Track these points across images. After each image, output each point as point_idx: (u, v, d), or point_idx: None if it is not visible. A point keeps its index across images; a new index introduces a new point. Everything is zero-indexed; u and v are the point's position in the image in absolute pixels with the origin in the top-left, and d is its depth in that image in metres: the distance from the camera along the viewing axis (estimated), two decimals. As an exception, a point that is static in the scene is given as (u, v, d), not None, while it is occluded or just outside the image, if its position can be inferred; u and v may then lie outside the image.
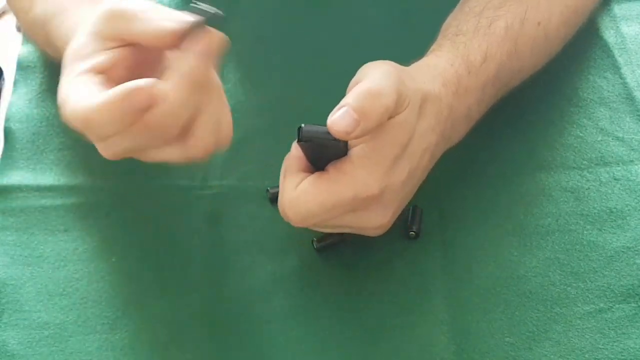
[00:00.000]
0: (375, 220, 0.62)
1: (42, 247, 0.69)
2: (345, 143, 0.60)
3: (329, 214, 0.60)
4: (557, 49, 0.76)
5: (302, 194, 0.60)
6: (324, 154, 0.60)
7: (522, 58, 0.71)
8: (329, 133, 0.58)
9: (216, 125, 0.58)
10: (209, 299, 0.66)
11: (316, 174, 0.60)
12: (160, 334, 0.63)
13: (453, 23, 0.71)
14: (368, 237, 0.67)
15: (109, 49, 0.58)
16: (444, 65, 0.66)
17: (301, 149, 0.62)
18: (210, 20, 0.56)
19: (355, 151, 0.60)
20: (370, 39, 0.83)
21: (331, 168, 0.60)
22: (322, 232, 0.67)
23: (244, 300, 0.66)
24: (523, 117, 0.76)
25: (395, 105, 0.59)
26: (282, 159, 0.74)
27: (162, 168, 0.68)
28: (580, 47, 0.81)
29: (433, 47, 0.69)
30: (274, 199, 0.68)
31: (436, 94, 0.63)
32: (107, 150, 0.57)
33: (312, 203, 0.59)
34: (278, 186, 0.65)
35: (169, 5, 0.86)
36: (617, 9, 0.84)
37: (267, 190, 0.69)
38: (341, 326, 0.64)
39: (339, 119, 0.57)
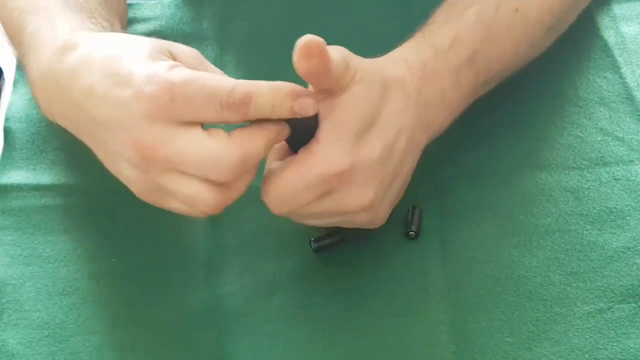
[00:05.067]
0: (355, 201, 0.61)
1: (42, 247, 0.69)
2: (315, 121, 0.60)
3: (302, 196, 0.60)
4: (541, 36, 0.75)
5: (273, 178, 0.60)
6: (299, 137, 0.60)
7: (500, 44, 0.70)
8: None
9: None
10: (209, 299, 0.66)
11: (287, 158, 0.61)
12: (160, 333, 0.63)
13: (431, 17, 0.71)
14: (367, 236, 0.67)
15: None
16: (407, 53, 0.67)
17: None
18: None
19: (320, 130, 0.60)
20: (371, 39, 0.82)
21: (300, 150, 0.60)
22: (320, 232, 0.67)
23: (244, 300, 0.66)
24: (523, 117, 0.76)
25: (343, 67, 0.60)
26: (282, 159, 0.74)
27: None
28: (580, 47, 0.81)
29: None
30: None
31: (399, 77, 0.64)
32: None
33: (283, 186, 0.60)
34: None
35: (169, 6, 0.86)
36: (617, 9, 0.84)
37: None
38: (341, 326, 0.64)
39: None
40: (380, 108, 0.61)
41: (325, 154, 0.59)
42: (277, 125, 0.59)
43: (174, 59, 0.59)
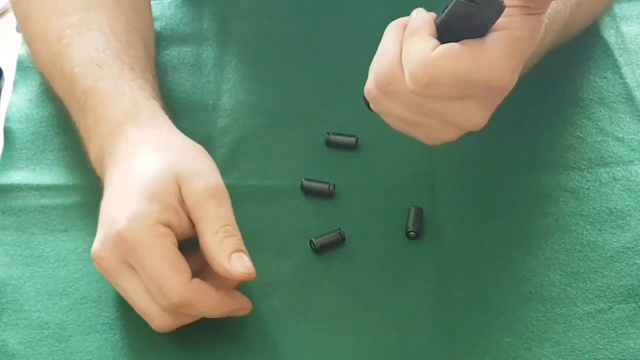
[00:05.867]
0: (476, 118, 0.60)
1: (42, 247, 0.69)
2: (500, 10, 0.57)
3: (455, 89, 0.58)
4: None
5: (441, 59, 0.57)
6: (463, 24, 0.57)
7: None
8: None
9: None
10: (209, 299, 0.66)
11: (459, 45, 0.58)
12: (160, 334, 0.63)
13: None
14: (367, 236, 0.67)
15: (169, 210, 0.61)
16: None
17: (448, 12, 0.58)
18: None
19: (499, 37, 0.58)
20: (371, 39, 0.82)
21: (473, 44, 0.58)
22: (319, 232, 0.67)
23: (244, 300, 0.66)
24: (523, 117, 0.76)
25: None
26: (282, 159, 0.74)
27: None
28: (580, 47, 0.81)
29: None
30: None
31: None
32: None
33: (448, 71, 0.57)
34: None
35: (169, 6, 0.86)
36: (617, 9, 0.84)
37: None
38: (341, 326, 0.64)
39: None
40: None
41: (500, 64, 0.58)
42: (243, 302, 0.62)
43: (182, 196, 0.61)
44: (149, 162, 0.63)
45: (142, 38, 0.74)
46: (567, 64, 0.80)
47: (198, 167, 0.63)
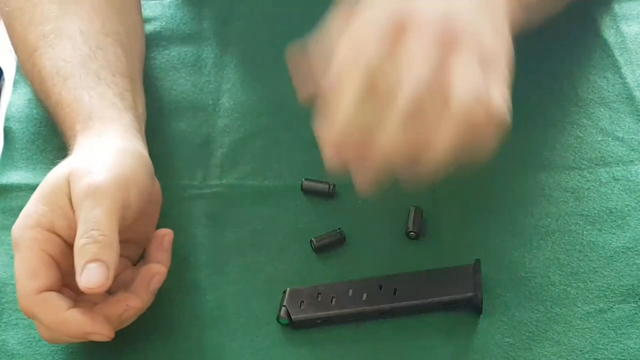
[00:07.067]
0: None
1: (42, 247, 0.68)
2: None
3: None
4: None
5: None
6: None
7: None
8: None
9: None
10: (209, 299, 0.66)
11: None
12: (160, 333, 0.63)
13: None
14: (367, 236, 0.67)
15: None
16: None
17: None
18: None
19: None
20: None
21: None
22: (319, 232, 0.67)
23: (244, 301, 0.66)
24: (523, 117, 0.76)
25: None
26: (282, 159, 0.74)
27: (162, 167, 0.68)
28: (580, 47, 0.81)
29: None
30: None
31: None
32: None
33: None
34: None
35: (169, 6, 0.86)
36: (618, 9, 0.84)
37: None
38: (340, 326, 0.64)
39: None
40: None
41: None
42: (100, 329, 0.59)
43: (70, 198, 0.59)
44: (60, 164, 0.62)
45: (119, 39, 0.72)
46: (567, 64, 0.80)
47: (94, 166, 0.59)
